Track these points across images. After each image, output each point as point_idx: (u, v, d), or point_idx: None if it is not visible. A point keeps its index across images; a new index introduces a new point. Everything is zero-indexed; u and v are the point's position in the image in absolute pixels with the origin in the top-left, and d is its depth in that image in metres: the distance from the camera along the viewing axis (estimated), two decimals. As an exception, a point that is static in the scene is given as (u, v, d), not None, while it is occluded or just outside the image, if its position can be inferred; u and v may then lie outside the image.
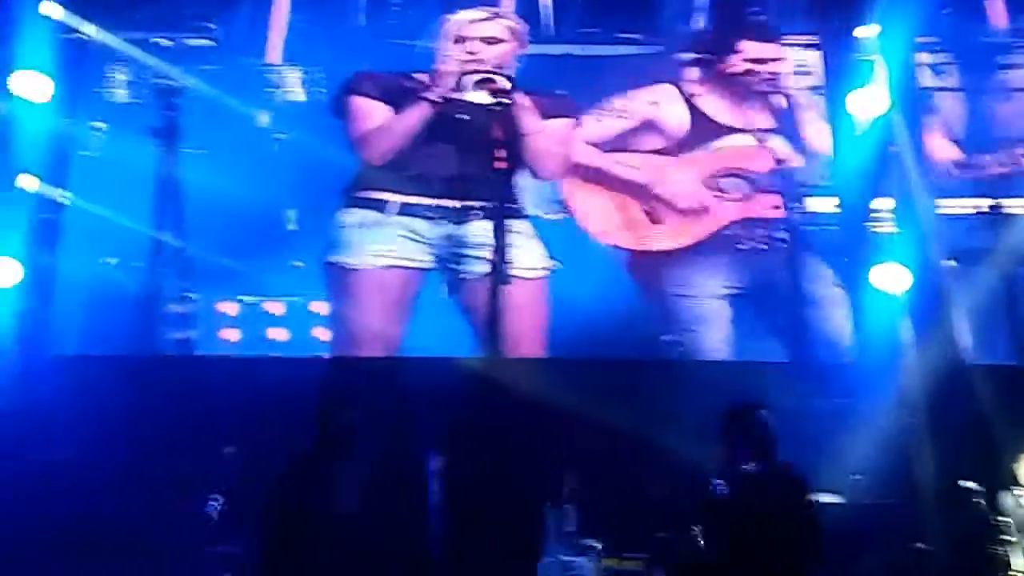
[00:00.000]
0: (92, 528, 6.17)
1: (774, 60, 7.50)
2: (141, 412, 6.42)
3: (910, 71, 7.06)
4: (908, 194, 6.73)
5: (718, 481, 5.43)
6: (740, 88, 7.53)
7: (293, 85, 7.92)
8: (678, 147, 7.54)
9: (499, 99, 6.75)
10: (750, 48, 7.48)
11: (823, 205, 7.46)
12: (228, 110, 7.75)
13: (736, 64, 7.50)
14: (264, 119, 7.83)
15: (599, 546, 6.20)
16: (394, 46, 7.89)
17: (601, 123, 7.56)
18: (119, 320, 7.42)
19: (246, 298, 7.93)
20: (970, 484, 6.23)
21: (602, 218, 7.53)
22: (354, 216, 7.01)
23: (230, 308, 7.95)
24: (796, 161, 7.51)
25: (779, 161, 7.49)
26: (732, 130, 7.44)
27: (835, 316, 7.22)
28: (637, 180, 7.48)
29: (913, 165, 6.76)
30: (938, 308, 6.61)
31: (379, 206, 6.98)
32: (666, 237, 7.46)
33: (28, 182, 6.91)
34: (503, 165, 6.74)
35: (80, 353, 7.21)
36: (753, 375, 6.55)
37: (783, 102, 7.59)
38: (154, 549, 6.14)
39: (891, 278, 6.72)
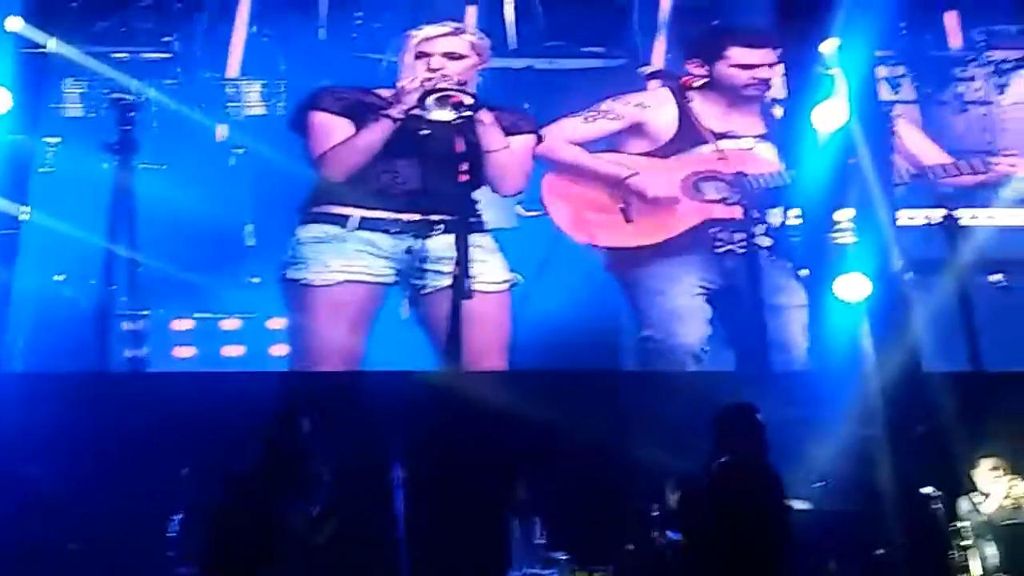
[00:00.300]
0: (42, 547, 6.08)
1: (763, 66, 7.51)
2: (91, 430, 6.33)
3: (870, 84, 7.18)
4: (868, 204, 6.84)
5: (693, 478, 5.46)
6: (731, 93, 7.56)
7: (253, 99, 7.88)
8: (664, 150, 7.55)
9: (461, 114, 6.77)
10: (738, 54, 7.51)
11: (787, 215, 7.55)
12: (186, 124, 7.70)
13: (696, 76, 7.58)
14: (223, 133, 7.77)
15: (566, 558, 6.21)
16: (356, 60, 7.89)
17: (588, 123, 7.56)
18: (71, 337, 7.31)
19: (201, 315, 7.83)
20: (928, 490, 6.33)
21: (577, 215, 7.54)
22: (314, 231, 6.97)
23: (185, 325, 7.85)
24: (780, 167, 7.54)
25: (763, 166, 7.53)
26: (720, 135, 7.46)
27: (799, 324, 7.30)
28: (615, 178, 7.49)
29: (873, 176, 6.87)
30: (897, 316, 6.70)
31: (340, 221, 6.95)
32: (639, 234, 7.47)
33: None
34: (466, 179, 6.77)
35: (29, 371, 7.08)
36: (719, 385, 6.58)
37: (776, 109, 7.67)
38: (107, 568, 6.03)
39: (851, 287, 6.82)
